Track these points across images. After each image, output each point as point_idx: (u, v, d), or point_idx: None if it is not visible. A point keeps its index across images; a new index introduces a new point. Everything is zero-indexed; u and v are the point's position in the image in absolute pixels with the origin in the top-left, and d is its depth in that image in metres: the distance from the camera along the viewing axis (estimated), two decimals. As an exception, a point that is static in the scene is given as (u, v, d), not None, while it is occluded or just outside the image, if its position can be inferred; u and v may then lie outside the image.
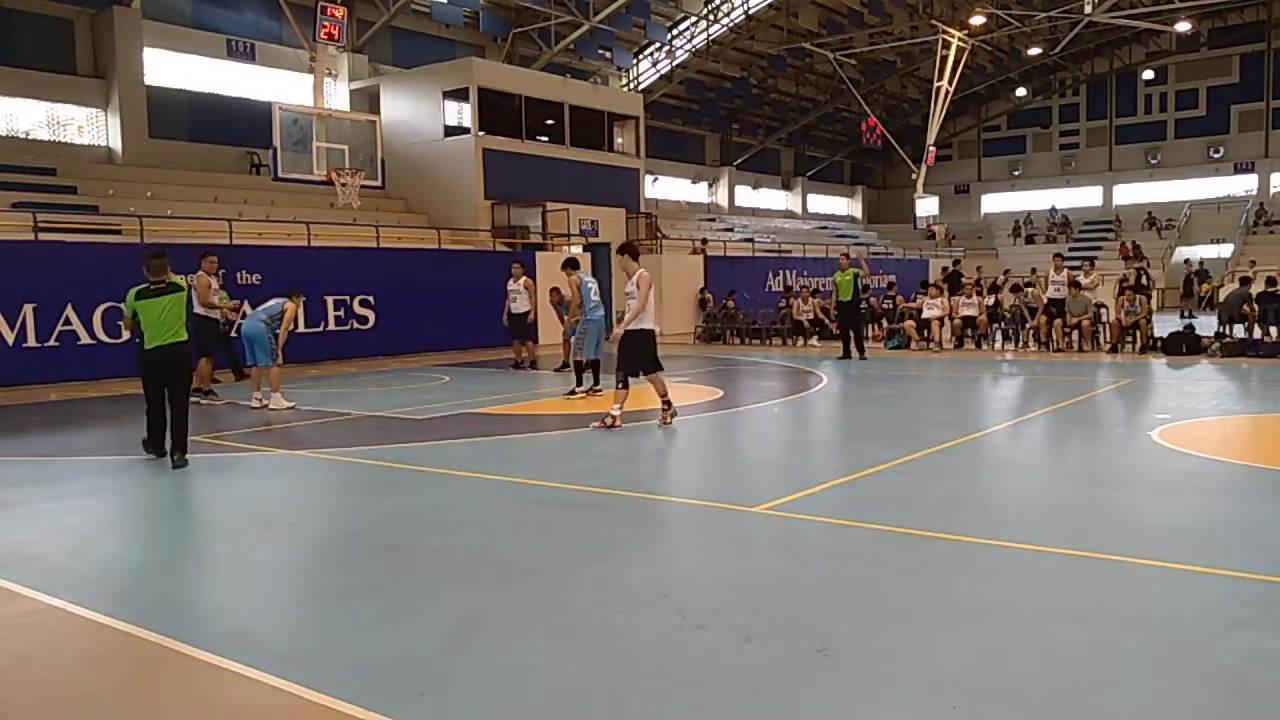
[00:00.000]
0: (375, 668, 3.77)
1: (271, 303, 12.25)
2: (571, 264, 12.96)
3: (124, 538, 6.21)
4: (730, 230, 38.88)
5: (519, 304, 16.13)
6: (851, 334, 17.63)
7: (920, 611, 4.30)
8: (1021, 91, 50.02)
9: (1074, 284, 18.26)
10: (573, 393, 12.26)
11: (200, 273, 13.10)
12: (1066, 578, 4.75)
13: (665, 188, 41.23)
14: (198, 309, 12.66)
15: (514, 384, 14.43)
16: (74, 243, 16.26)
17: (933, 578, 4.80)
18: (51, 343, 15.16)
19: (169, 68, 24.67)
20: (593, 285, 12.66)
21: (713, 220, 40.48)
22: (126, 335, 14.90)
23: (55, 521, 6.35)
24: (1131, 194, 48.86)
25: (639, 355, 9.88)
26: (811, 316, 22.22)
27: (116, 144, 23.40)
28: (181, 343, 8.21)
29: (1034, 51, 42.00)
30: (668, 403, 9.97)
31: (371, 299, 19.34)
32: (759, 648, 3.90)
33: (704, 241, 31.72)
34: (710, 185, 44.41)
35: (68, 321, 15.30)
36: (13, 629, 4.31)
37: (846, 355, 17.50)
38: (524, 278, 16.25)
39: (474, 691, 3.54)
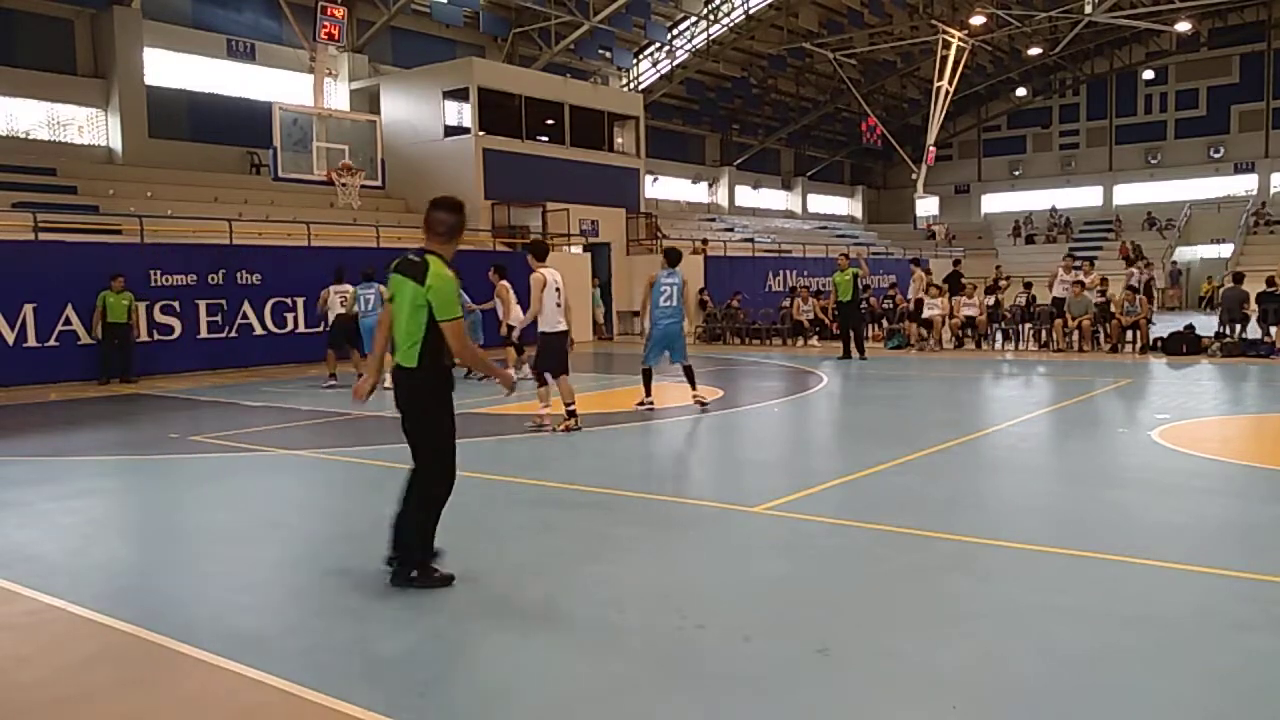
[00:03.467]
0: (376, 667, 3.77)
1: (370, 293, 13.73)
2: (673, 256, 11.24)
3: (124, 538, 6.21)
4: (730, 230, 38.87)
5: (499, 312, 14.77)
6: (852, 334, 17.64)
7: (920, 611, 4.30)
8: (1021, 91, 49.97)
9: (1077, 283, 18.27)
10: (642, 404, 11.25)
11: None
12: (1066, 578, 4.75)
13: (665, 188, 41.22)
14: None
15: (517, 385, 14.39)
16: (74, 243, 16.27)
17: (933, 578, 4.80)
18: (51, 343, 15.16)
19: (169, 68, 24.67)
20: (669, 286, 11.03)
21: (713, 220, 40.48)
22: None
23: (55, 521, 6.36)
24: (1132, 194, 48.83)
25: (554, 356, 9.61)
26: (811, 316, 22.22)
27: (117, 144, 23.40)
28: (411, 371, 4.77)
29: (1034, 51, 41.96)
30: (571, 411, 9.64)
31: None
32: (759, 647, 3.90)
33: (704, 241, 31.70)
34: (710, 185, 44.39)
35: (68, 321, 15.31)
36: (13, 629, 4.32)
37: (846, 355, 17.50)
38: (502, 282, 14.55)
39: (474, 691, 3.54)
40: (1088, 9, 33.33)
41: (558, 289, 9.43)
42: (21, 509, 6.69)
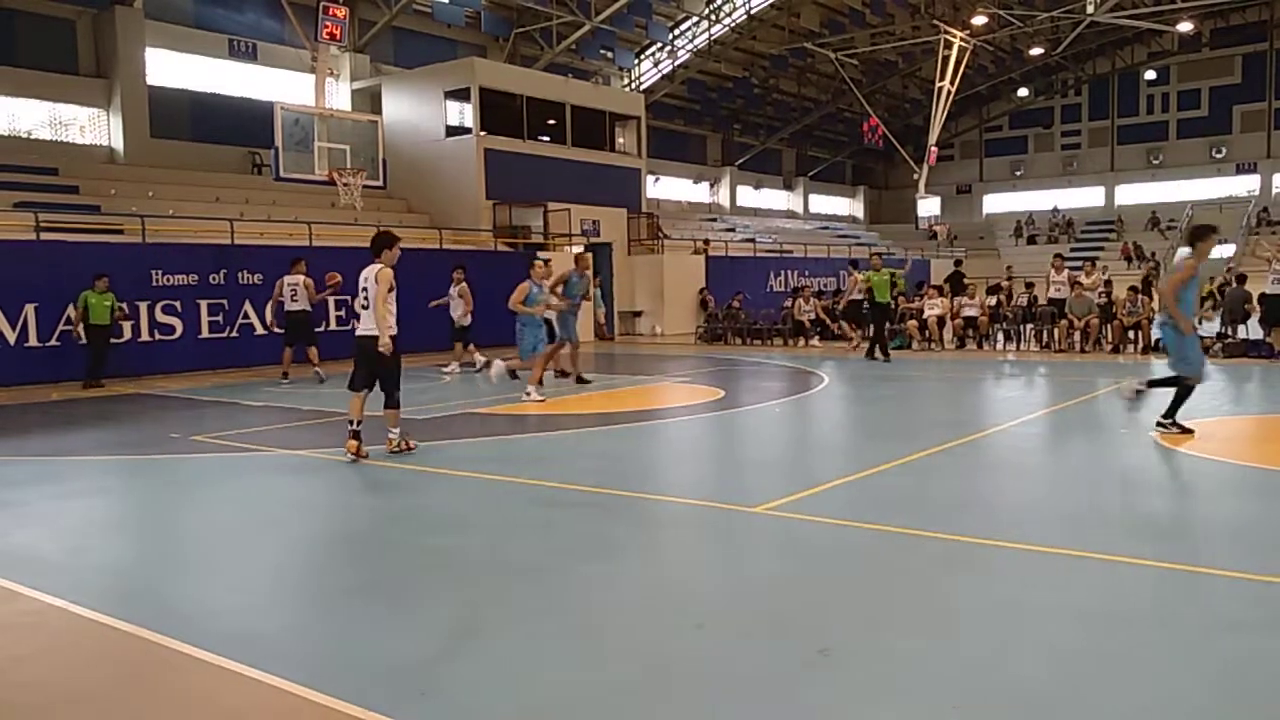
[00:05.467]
0: (376, 667, 3.76)
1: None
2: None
3: (124, 537, 6.21)
4: (732, 230, 38.87)
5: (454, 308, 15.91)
6: (879, 333, 17.18)
7: (922, 612, 4.30)
8: (1023, 91, 49.99)
9: (1075, 284, 18.25)
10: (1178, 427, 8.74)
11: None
12: (1068, 578, 4.74)
13: (667, 188, 41.23)
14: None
15: (517, 385, 14.41)
16: (76, 242, 16.29)
17: (934, 578, 4.79)
18: (53, 342, 15.17)
19: (171, 67, 24.70)
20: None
21: (714, 220, 40.47)
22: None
23: (56, 521, 6.36)
24: (1134, 194, 48.85)
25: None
26: (813, 316, 22.21)
27: (118, 144, 23.43)
28: None
29: (1036, 51, 41.97)
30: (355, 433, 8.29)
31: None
32: (759, 648, 3.90)
33: (705, 242, 31.71)
34: (712, 185, 44.40)
35: (69, 321, 15.32)
36: (13, 629, 4.31)
37: (883, 355, 16.97)
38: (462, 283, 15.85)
39: (474, 691, 3.53)
40: (1089, 9, 33.32)
41: (363, 288, 8.27)
42: (21, 509, 6.69)
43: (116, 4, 23.00)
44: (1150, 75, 48.08)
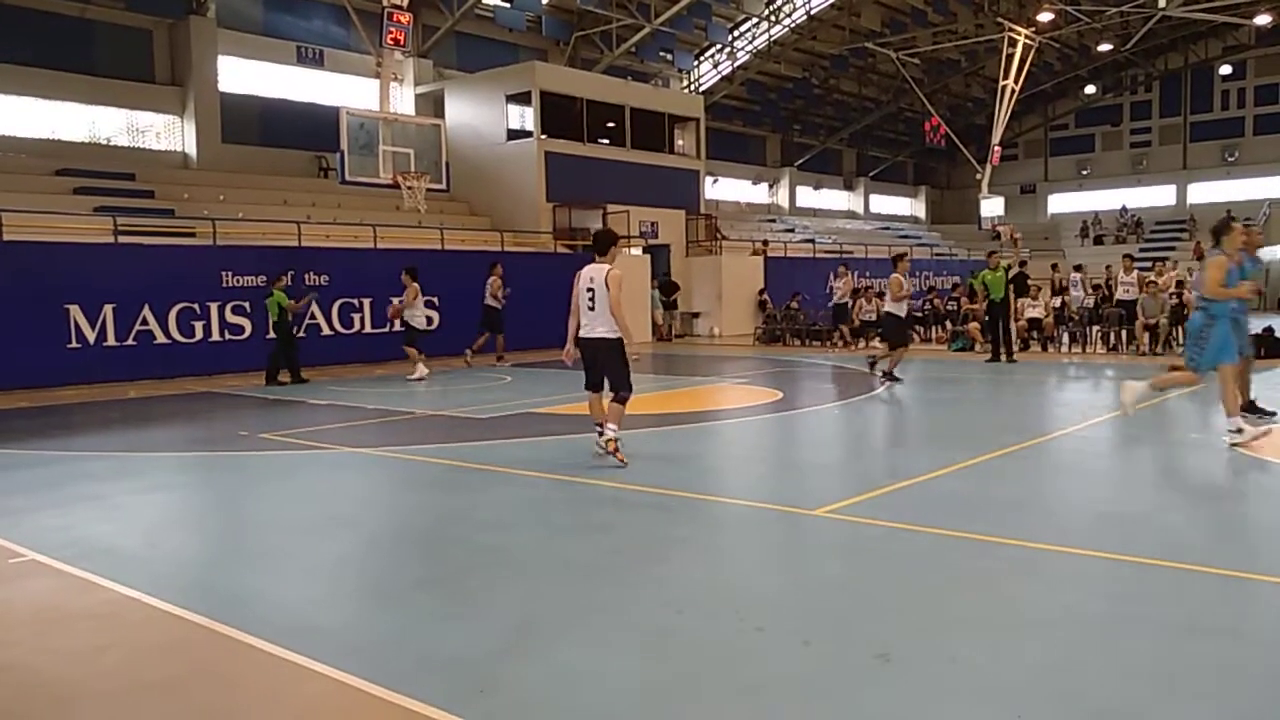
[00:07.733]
0: (436, 663, 3.84)
1: None
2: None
3: (197, 531, 6.41)
4: (791, 231, 38.64)
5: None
6: (999, 334, 16.73)
7: (983, 618, 4.25)
8: (1091, 89, 48.83)
9: (1149, 283, 17.82)
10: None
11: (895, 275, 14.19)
12: (1134, 585, 4.65)
13: (725, 189, 41.10)
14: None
15: (574, 384, 14.51)
16: (151, 245, 16.81)
17: (996, 583, 4.73)
18: (130, 342, 15.67)
19: (242, 75, 25.34)
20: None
21: (773, 221, 40.26)
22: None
23: (133, 515, 6.58)
24: (1207, 192, 47.38)
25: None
26: (873, 318, 21.97)
27: (192, 149, 24.10)
28: None
29: (1104, 48, 40.97)
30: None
31: (435, 300, 19.60)
32: (818, 651, 3.89)
33: (764, 243, 31.57)
34: (771, 186, 44.18)
35: (145, 321, 15.81)
36: (92, 619, 4.48)
37: (995, 358, 16.59)
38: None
39: (532, 689, 3.58)
40: (1161, 3, 32.42)
41: (588, 289, 7.97)
42: (100, 502, 6.93)
43: (191, 13, 23.69)
44: (1225, 70, 46.61)
